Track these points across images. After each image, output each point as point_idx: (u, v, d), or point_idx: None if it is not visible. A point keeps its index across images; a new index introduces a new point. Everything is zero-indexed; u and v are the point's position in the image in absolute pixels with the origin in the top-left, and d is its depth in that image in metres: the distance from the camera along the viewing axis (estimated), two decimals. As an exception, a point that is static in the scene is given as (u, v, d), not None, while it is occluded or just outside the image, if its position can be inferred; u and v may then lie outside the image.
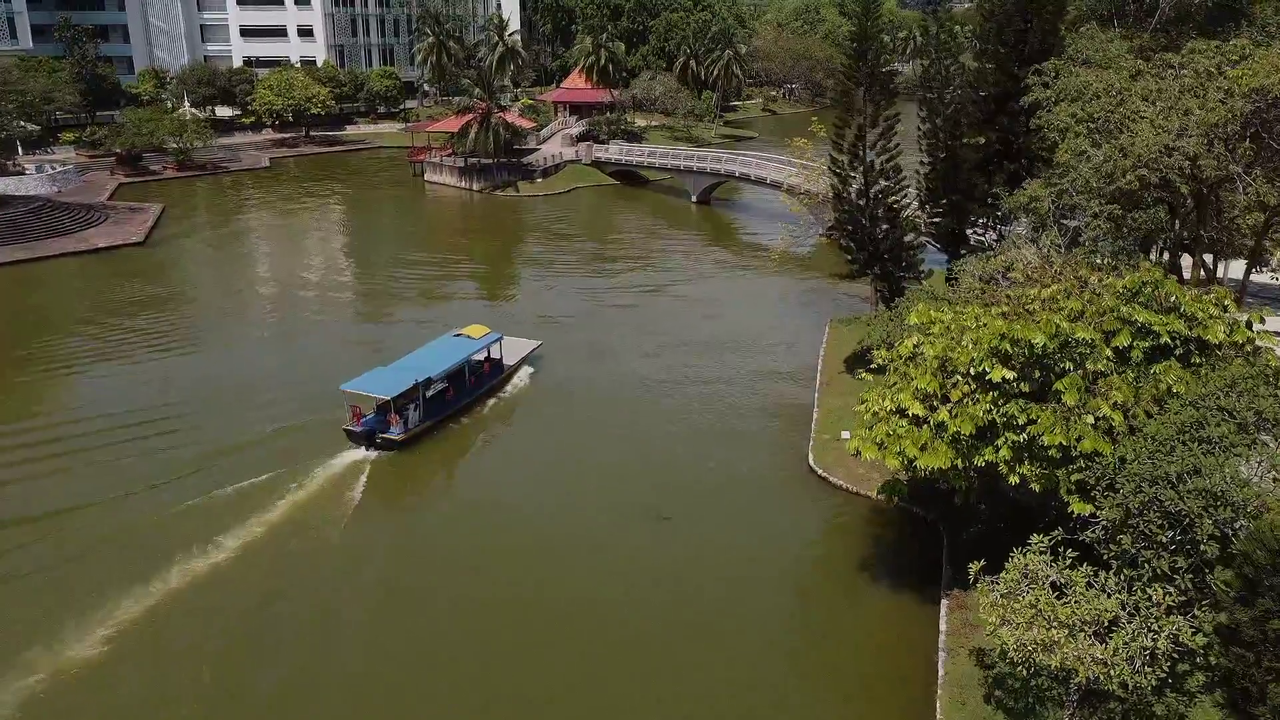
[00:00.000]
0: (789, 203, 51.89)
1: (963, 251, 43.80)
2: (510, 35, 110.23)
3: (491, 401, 39.00)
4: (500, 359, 40.56)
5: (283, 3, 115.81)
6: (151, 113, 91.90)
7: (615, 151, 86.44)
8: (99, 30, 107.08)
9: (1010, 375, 21.68)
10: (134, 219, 70.34)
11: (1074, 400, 21.25)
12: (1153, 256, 32.93)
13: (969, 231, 42.03)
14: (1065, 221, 27.48)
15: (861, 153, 35.36)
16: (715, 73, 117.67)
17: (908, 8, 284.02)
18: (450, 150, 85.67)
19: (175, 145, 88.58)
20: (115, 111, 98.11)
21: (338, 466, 32.71)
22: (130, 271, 58.32)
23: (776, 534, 29.54)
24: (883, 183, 35.81)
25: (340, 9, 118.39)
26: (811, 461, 33.06)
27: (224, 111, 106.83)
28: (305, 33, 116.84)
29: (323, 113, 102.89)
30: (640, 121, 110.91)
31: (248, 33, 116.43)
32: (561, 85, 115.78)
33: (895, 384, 24.72)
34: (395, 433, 33.85)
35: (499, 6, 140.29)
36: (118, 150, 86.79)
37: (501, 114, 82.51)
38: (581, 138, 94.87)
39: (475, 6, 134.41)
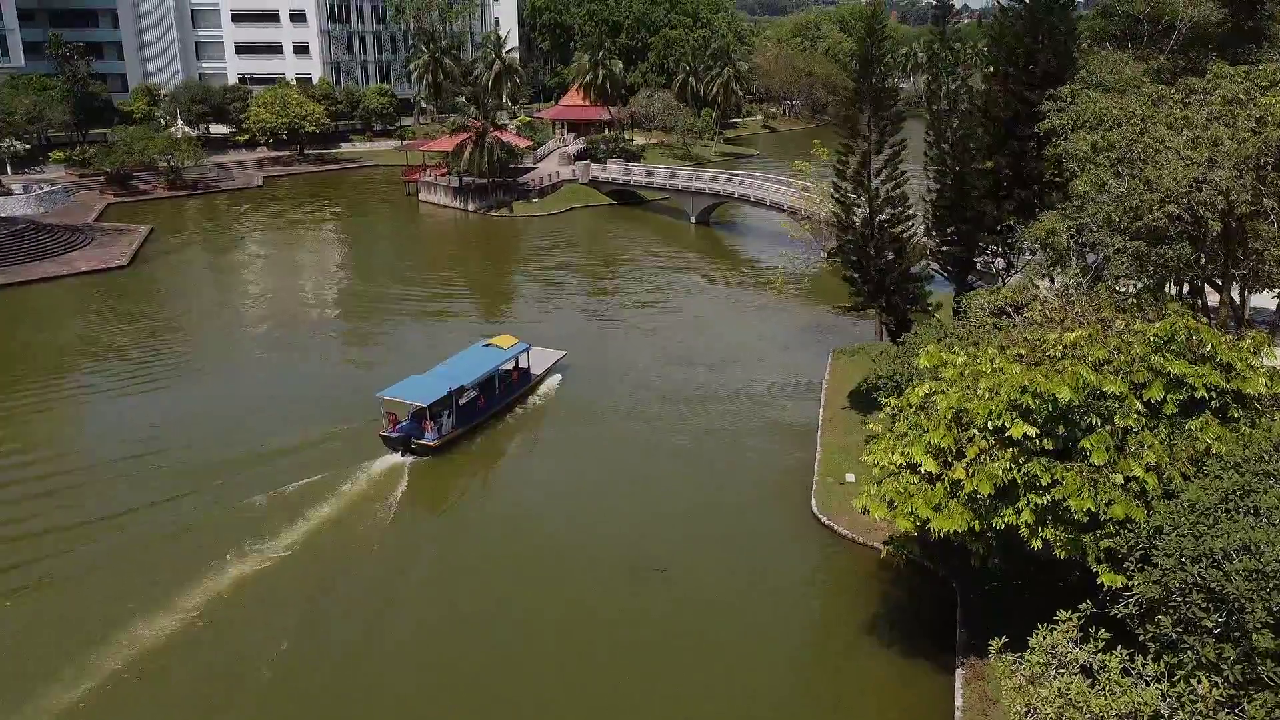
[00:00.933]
0: (790, 228, 50.21)
1: (972, 279, 42.09)
2: (508, 52, 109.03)
3: (520, 409, 40.25)
4: (528, 368, 41.65)
5: (278, 20, 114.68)
6: (142, 131, 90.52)
7: (612, 171, 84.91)
8: (92, 47, 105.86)
9: (1032, 432, 19.87)
10: (120, 241, 68.75)
11: (1102, 460, 19.43)
12: (1171, 289, 31.16)
13: (977, 259, 40.34)
14: (1086, 252, 25.75)
15: (866, 180, 33.67)
16: (715, 90, 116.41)
17: (908, 23, 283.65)
18: (445, 170, 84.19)
19: (166, 164, 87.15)
20: (107, 130, 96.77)
21: (376, 471, 33.80)
22: (112, 297, 56.63)
23: (776, 589, 27.67)
24: (889, 211, 34.09)
25: (336, 26, 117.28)
26: (814, 507, 31.19)
27: (218, 129, 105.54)
28: (301, 50, 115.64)
29: (317, 130, 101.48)
30: (639, 139, 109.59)
31: (243, 50, 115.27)
32: (559, 103, 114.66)
33: (905, 435, 22.93)
34: (430, 438, 34.66)
35: (497, 23, 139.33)
36: (106, 169, 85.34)
37: (497, 133, 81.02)
38: (579, 156, 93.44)
39: (473, 23, 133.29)
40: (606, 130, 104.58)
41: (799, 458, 35.22)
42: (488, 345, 40.55)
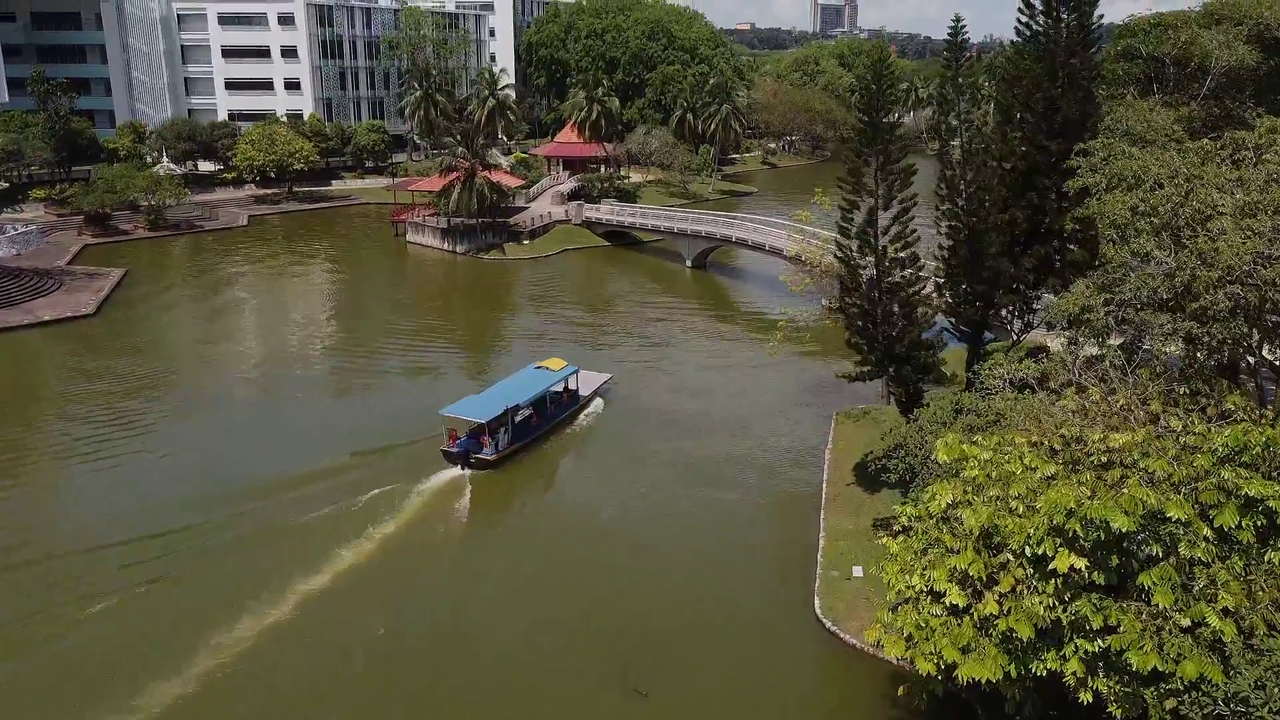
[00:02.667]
0: (790, 281, 47.19)
1: (987, 336, 38.91)
2: (502, 89, 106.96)
3: (569, 428, 42.31)
4: (576, 390, 43.74)
5: (269, 56, 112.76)
6: (124, 169, 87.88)
7: (606, 211, 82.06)
8: (80, 83, 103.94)
9: (1080, 564, 16.56)
10: (90, 286, 65.64)
11: (1167, 602, 16.11)
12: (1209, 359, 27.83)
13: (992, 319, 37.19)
14: (1123, 326, 22.56)
15: (873, 239, 30.55)
16: (713, 126, 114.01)
17: (906, 56, 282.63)
18: (433, 210, 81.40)
19: (147, 203, 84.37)
20: (91, 167, 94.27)
21: (439, 483, 35.96)
22: (72, 350, 53.34)
23: (771, 712, 24.15)
24: (898, 274, 30.94)
25: (328, 62, 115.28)
26: (818, 609, 27.70)
27: (207, 166, 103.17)
28: (292, 86, 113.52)
29: (306, 168, 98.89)
30: (636, 176, 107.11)
31: (233, 86, 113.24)
32: (555, 139, 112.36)
33: (926, 550, 19.61)
34: (488, 453, 36.97)
35: (493, 58, 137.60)
36: (84, 208, 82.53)
37: (487, 172, 78.32)
38: (573, 195, 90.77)
39: (469, 59, 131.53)
40: (603, 168, 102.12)
41: (800, 542, 31.82)
42: (539, 368, 43.00)
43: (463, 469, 36.70)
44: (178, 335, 58.59)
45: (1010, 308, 36.42)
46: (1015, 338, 39.60)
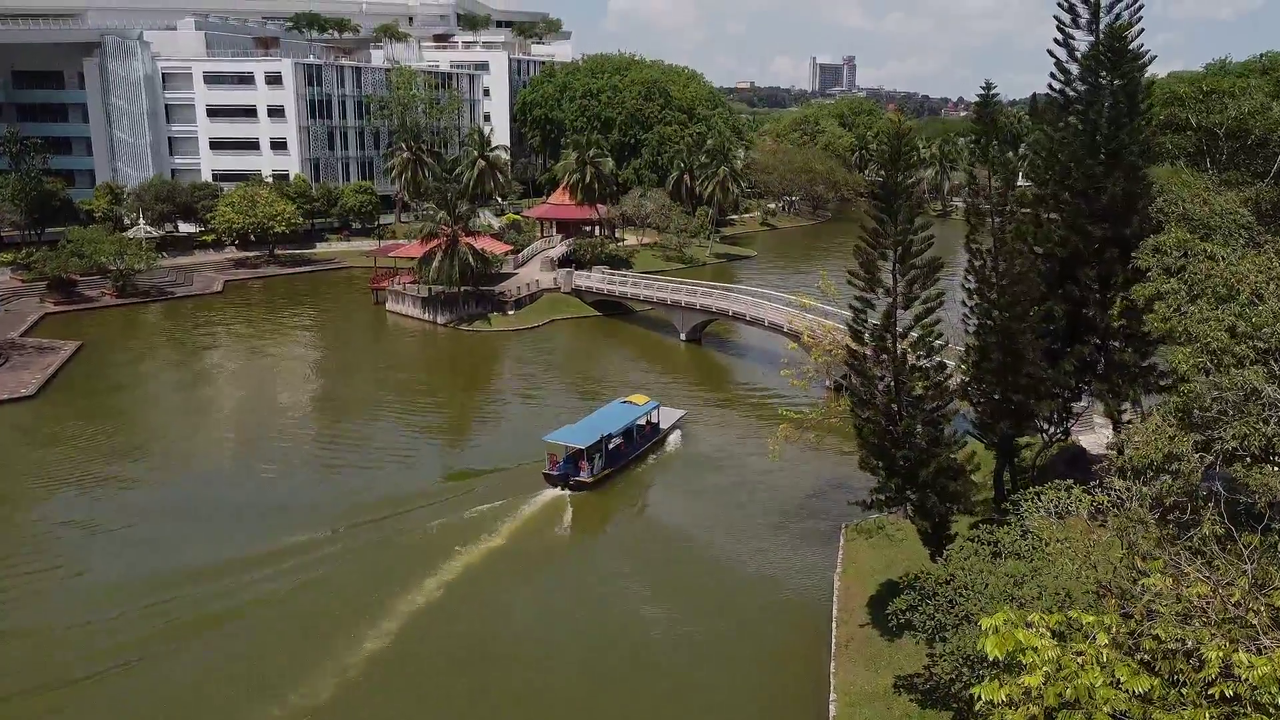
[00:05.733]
0: (790, 375, 42.43)
1: (1021, 442, 33.69)
2: (493, 150, 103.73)
3: (652, 457, 46.08)
4: (658, 423, 47.52)
5: (255, 115, 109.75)
6: (94, 232, 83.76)
7: (596, 280, 77.61)
8: (61, 143, 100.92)
9: None
10: (39, 362, 60.88)
11: None
12: None
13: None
14: (1231, 495, 17.57)
15: (890, 344, 25.73)
16: (711, 188, 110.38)
17: (904, 114, 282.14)
18: (414, 277, 77.02)
19: (115, 268, 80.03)
20: (64, 229, 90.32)
21: (542, 501, 40.02)
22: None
23: None
24: (920, 385, 26.04)
25: (316, 121, 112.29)
26: (831, 814, 22.28)
27: (187, 228, 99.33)
28: (278, 145, 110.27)
29: (288, 230, 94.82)
30: (631, 239, 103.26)
31: (218, 145, 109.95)
32: (548, 200, 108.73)
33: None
34: (585, 476, 40.88)
35: (487, 118, 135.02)
36: (47, 274, 78.19)
37: (471, 239, 74.11)
38: (564, 260, 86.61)
39: (462, 118, 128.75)
40: (596, 231, 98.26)
41: (806, 704, 26.43)
42: (625, 403, 47.02)
43: (563, 490, 40.39)
44: (114, 429, 52.49)
45: (1047, 415, 31.41)
46: (1048, 441, 34.63)
